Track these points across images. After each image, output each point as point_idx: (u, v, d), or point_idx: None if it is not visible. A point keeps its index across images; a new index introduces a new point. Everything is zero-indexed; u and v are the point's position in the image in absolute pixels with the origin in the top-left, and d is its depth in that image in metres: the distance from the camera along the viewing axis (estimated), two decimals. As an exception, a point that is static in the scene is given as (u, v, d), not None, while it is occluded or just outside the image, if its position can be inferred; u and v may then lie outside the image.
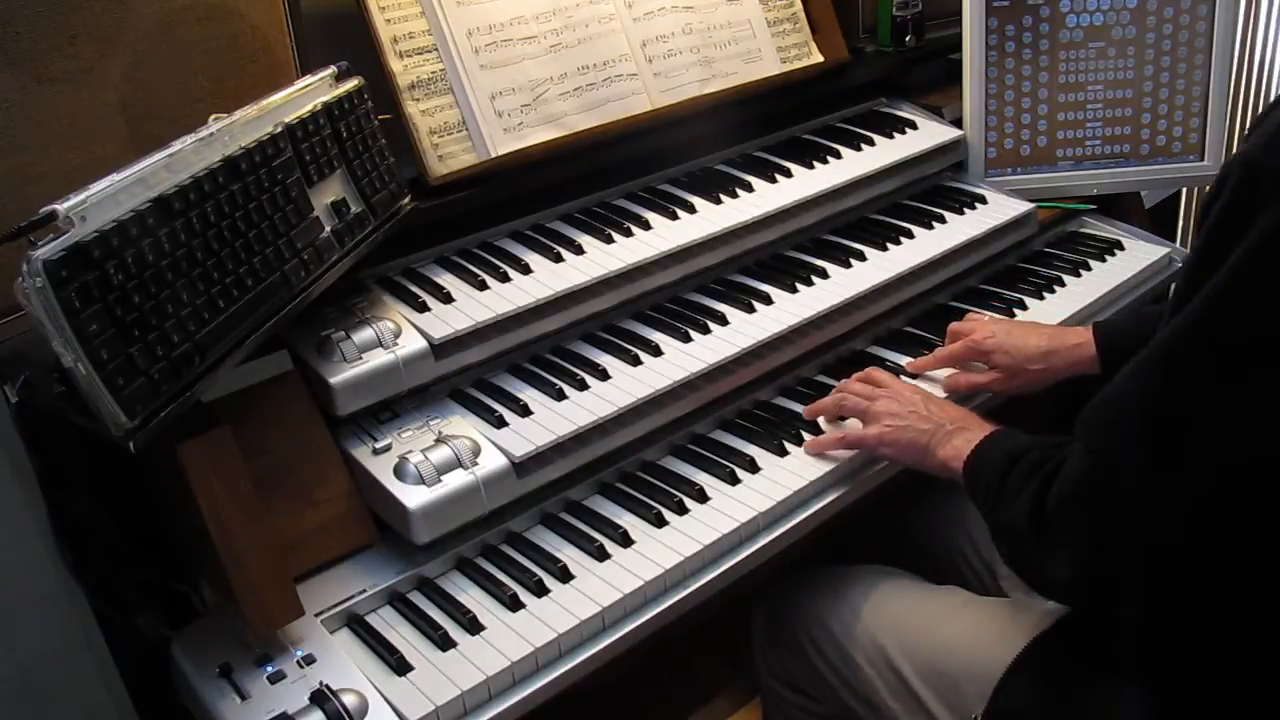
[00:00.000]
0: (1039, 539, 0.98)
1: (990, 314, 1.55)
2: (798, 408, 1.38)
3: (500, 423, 1.21)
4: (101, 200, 0.88)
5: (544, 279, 1.32)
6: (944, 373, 1.43)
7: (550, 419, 1.21)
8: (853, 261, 1.53)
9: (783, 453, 1.29)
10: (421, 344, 1.21)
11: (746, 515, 1.19)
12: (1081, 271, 1.68)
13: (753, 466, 1.27)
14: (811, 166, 1.61)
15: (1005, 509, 1.03)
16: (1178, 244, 1.81)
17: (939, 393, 1.38)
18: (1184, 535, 0.88)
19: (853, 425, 1.31)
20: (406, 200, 1.30)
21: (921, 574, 1.35)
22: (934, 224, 1.63)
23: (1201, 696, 0.97)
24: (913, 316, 1.59)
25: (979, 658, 1.14)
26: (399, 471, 1.13)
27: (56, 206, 0.85)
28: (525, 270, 1.34)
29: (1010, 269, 1.71)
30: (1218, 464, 0.85)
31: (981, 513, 1.09)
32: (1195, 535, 0.88)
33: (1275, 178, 0.79)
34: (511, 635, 1.06)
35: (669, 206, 1.48)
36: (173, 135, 1.00)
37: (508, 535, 1.21)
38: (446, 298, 1.28)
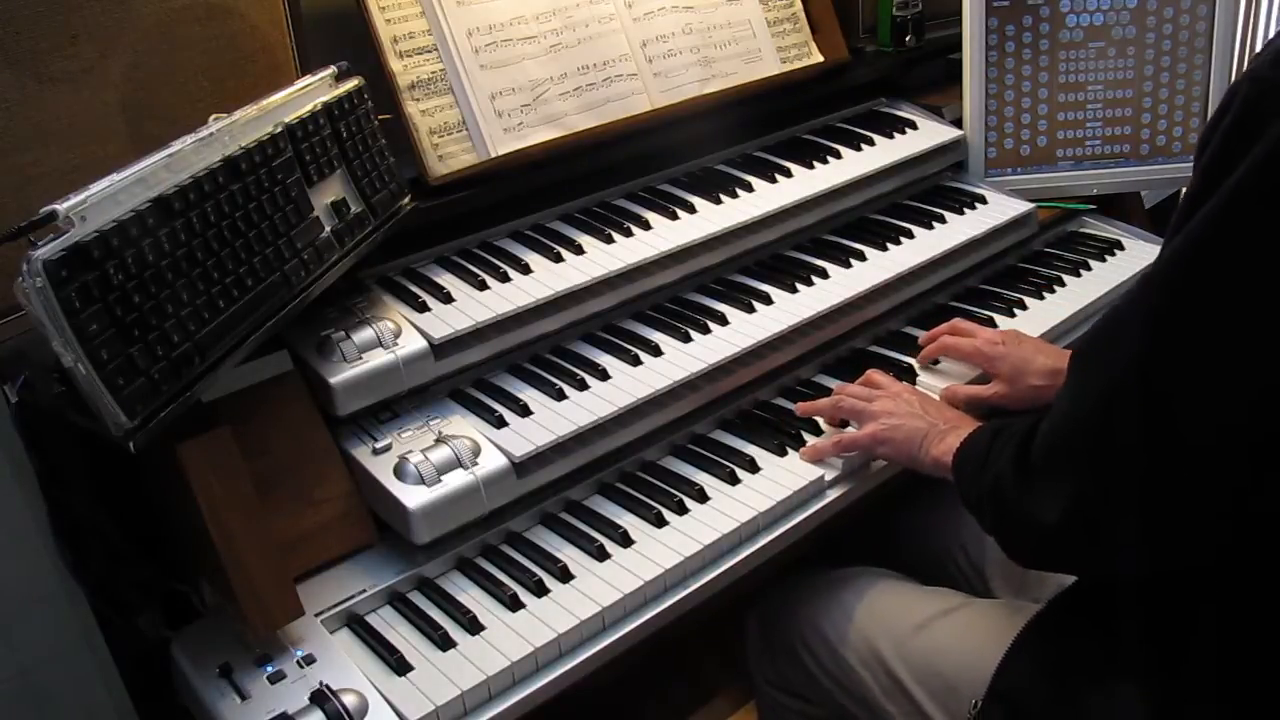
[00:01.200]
0: (1024, 484, 0.95)
1: (993, 315, 1.56)
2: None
3: (500, 423, 1.21)
4: (101, 200, 0.88)
5: (544, 279, 1.32)
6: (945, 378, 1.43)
7: (550, 419, 1.21)
8: (853, 261, 1.53)
9: (783, 453, 1.29)
10: (421, 344, 1.21)
11: (746, 515, 1.19)
12: (1081, 271, 1.68)
13: (753, 466, 1.27)
14: (811, 166, 1.61)
15: (988, 471, 1.01)
16: (1178, 244, 1.81)
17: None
18: (1181, 468, 0.85)
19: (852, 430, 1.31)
20: (406, 200, 1.30)
21: (912, 578, 1.35)
22: (934, 224, 1.63)
23: (1200, 671, 0.96)
24: (913, 316, 1.59)
25: (973, 656, 1.14)
26: (399, 471, 1.13)
27: (56, 206, 0.85)
28: (525, 270, 1.34)
29: (1010, 269, 1.71)
30: (1219, 390, 0.82)
31: (964, 496, 1.08)
32: (1192, 468, 0.85)
33: None
34: (511, 635, 1.06)
35: (669, 206, 1.48)
36: (173, 135, 1.00)
37: (508, 535, 1.21)
38: (446, 298, 1.28)
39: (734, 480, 1.25)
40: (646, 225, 1.44)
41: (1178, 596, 0.97)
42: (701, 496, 1.22)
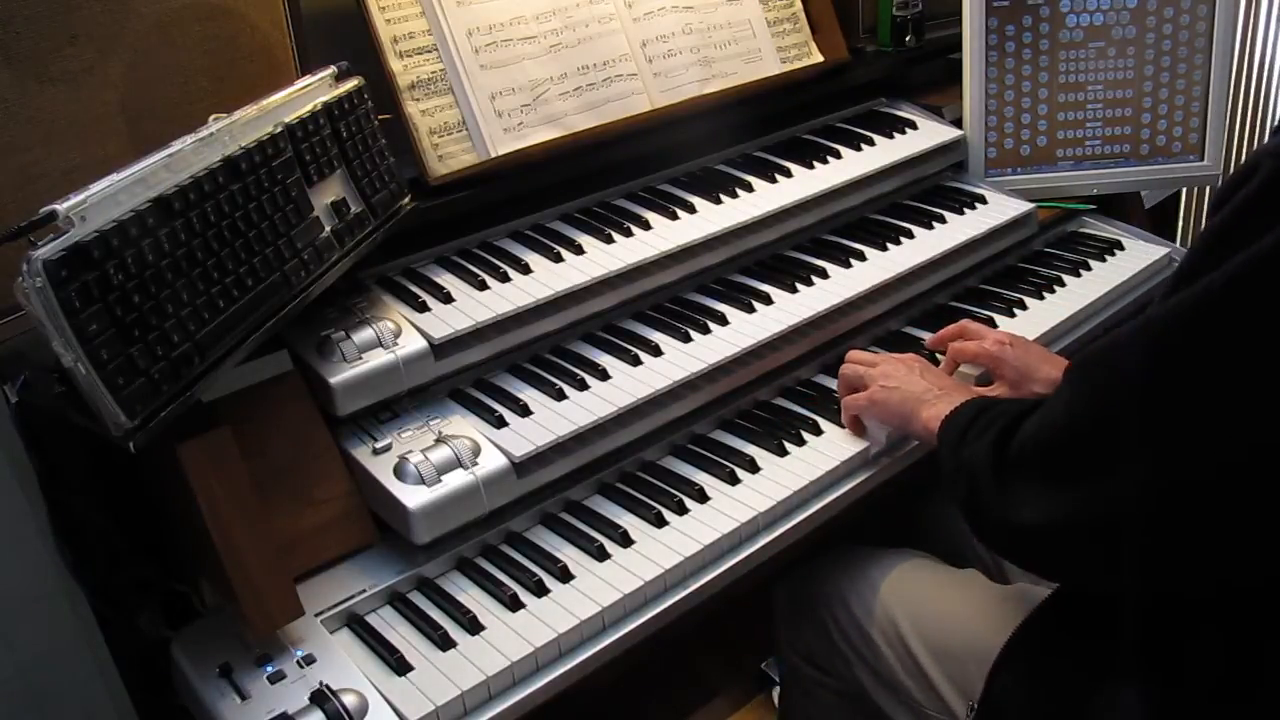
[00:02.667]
0: (999, 478, 0.96)
1: (993, 315, 1.56)
2: (798, 408, 1.38)
3: (500, 423, 1.21)
4: (101, 200, 0.88)
5: (544, 279, 1.32)
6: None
7: (550, 419, 1.21)
8: (853, 261, 1.53)
9: (783, 453, 1.29)
10: (421, 344, 1.21)
11: (746, 515, 1.19)
12: (1081, 271, 1.68)
13: (753, 466, 1.27)
14: (811, 166, 1.61)
15: (966, 448, 1.02)
16: (1178, 244, 1.81)
17: None
18: (1176, 499, 0.86)
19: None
20: (406, 200, 1.30)
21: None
22: (934, 224, 1.63)
23: (1197, 677, 0.96)
24: (913, 316, 1.59)
25: (982, 640, 1.15)
26: (399, 471, 1.13)
27: (56, 206, 0.85)
28: (525, 270, 1.34)
29: (1010, 269, 1.71)
30: (1219, 434, 0.83)
31: (942, 463, 1.08)
32: (1189, 501, 0.85)
33: None
34: (511, 635, 1.06)
35: (669, 206, 1.48)
36: (172, 135, 1.00)
37: (508, 535, 1.21)
38: (446, 298, 1.28)
39: (734, 480, 1.25)
40: (646, 225, 1.44)
41: (1174, 608, 0.97)
42: (701, 496, 1.22)
